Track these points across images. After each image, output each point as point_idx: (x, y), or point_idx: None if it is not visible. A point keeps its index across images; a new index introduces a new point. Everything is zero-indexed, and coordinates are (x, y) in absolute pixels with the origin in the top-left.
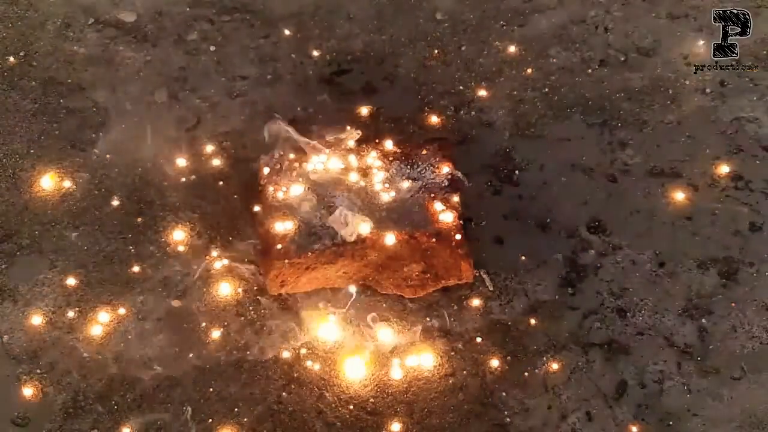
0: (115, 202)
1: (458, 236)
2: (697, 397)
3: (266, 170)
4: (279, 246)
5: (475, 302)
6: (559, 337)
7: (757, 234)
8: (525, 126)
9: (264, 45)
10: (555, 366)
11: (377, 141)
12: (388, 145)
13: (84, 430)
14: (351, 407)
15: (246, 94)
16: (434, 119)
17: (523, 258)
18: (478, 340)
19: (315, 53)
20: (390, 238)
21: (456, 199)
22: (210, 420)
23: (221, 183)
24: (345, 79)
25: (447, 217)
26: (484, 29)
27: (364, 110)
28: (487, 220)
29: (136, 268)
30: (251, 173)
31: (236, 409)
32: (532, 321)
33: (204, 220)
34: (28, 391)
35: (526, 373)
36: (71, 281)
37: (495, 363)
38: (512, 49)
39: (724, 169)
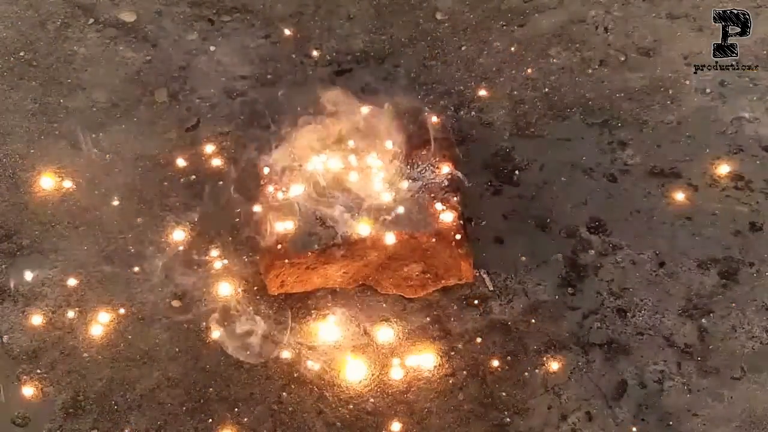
0: (115, 202)
1: (458, 236)
2: (697, 397)
3: (266, 170)
4: (279, 246)
5: (475, 302)
6: (559, 337)
7: (757, 234)
8: (525, 126)
9: (264, 45)
10: (555, 366)
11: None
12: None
13: (84, 430)
14: (351, 407)
15: (246, 94)
16: (434, 119)
17: (523, 258)
18: (478, 340)
19: (315, 53)
20: (390, 238)
21: (456, 199)
22: (210, 420)
23: (221, 183)
24: (345, 79)
25: (447, 217)
26: (484, 29)
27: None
28: (487, 220)
29: (136, 268)
30: (251, 173)
31: (236, 409)
32: (532, 321)
33: (204, 220)
34: (28, 391)
35: (526, 373)
36: (71, 281)
37: (495, 363)
38: (512, 49)
39: (724, 169)
